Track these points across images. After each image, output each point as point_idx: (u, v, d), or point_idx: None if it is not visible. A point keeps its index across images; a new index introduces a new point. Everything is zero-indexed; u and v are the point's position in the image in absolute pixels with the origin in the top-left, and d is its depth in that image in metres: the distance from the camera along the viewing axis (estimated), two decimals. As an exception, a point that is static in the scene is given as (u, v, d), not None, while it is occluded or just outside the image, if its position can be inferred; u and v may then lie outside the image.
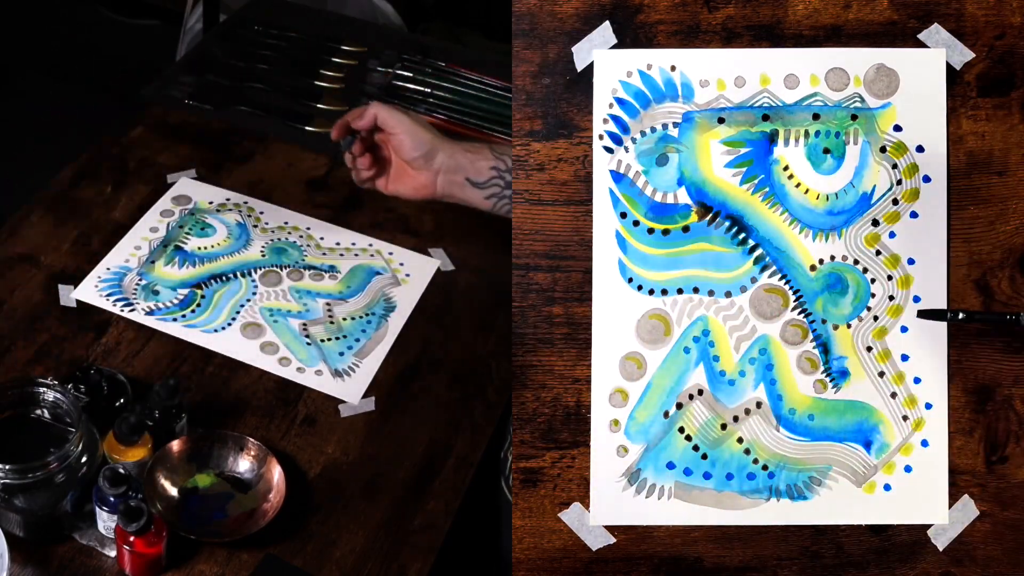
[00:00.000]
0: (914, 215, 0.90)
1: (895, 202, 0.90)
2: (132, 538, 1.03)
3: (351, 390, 1.27)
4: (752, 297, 0.90)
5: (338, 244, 1.44)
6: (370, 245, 1.45)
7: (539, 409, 0.90)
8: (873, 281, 0.90)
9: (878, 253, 0.90)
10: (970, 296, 0.90)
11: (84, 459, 1.07)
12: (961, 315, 0.88)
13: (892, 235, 0.90)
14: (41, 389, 1.12)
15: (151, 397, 1.15)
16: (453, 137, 1.63)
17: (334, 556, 1.12)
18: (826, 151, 0.89)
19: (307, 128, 1.62)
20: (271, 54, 1.77)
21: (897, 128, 0.89)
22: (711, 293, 0.90)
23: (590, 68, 0.89)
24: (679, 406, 0.90)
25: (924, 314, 0.89)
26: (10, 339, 1.27)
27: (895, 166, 0.89)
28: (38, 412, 1.13)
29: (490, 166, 1.31)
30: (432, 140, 1.32)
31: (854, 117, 0.89)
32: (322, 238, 1.45)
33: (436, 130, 1.34)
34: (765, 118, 0.89)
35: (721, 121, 0.89)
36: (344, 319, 1.35)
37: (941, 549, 0.91)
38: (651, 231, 0.90)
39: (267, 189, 1.50)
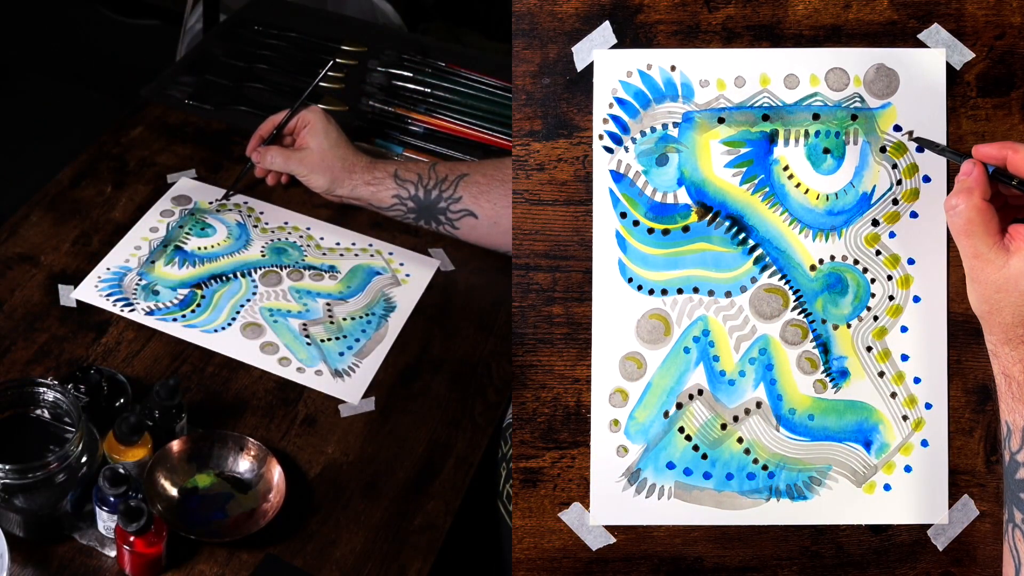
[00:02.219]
0: (914, 215, 0.90)
1: (895, 202, 0.90)
2: (132, 538, 1.03)
3: (351, 390, 1.27)
4: (752, 297, 0.90)
5: (338, 244, 1.44)
6: (370, 245, 1.45)
7: (539, 409, 0.90)
8: (873, 281, 0.90)
9: (878, 253, 0.90)
10: (970, 296, 0.90)
11: (84, 459, 1.07)
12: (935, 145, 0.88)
13: (892, 235, 0.90)
14: (41, 389, 1.12)
15: (151, 397, 1.14)
16: (448, 140, 1.63)
17: (334, 556, 1.12)
18: (826, 151, 0.89)
19: (307, 128, 1.61)
20: (271, 54, 1.77)
21: (897, 128, 0.89)
22: (711, 293, 0.90)
23: (590, 68, 0.89)
24: (679, 406, 0.90)
25: (919, 140, 0.89)
26: (10, 339, 1.27)
27: (895, 166, 0.89)
28: (38, 412, 1.13)
29: (392, 195, 1.42)
30: (329, 182, 1.42)
31: (854, 117, 0.89)
32: (322, 238, 1.45)
33: (342, 154, 1.43)
34: (765, 118, 0.89)
35: (721, 121, 0.89)
36: (344, 319, 1.35)
37: (941, 549, 0.91)
38: (651, 231, 0.90)
39: (267, 189, 1.50)
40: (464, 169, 1.40)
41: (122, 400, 1.18)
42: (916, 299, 0.90)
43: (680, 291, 0.90)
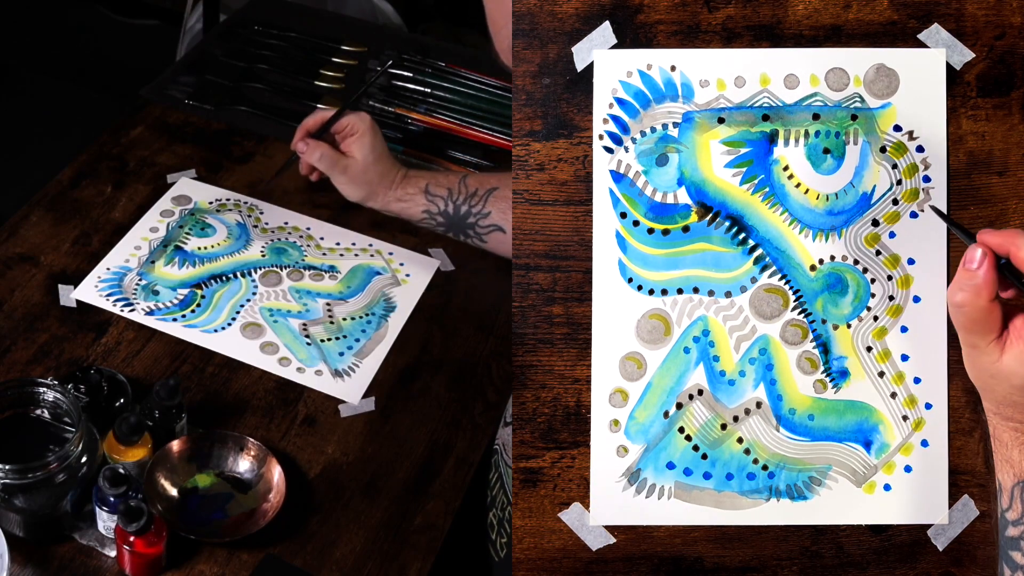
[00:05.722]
0: (914, 215, 0.90)
1: (895, 202, 0.90)
2: (132, 538, 1.03)
3: (351, 390, 1.27)
4: (752, 297, 0.90)
5: (338, 244, 1.44)
6: (370, 245, 1.45)
7: (539, 409, 0.90)
8: (873, 281, 0.90)
9: (878, 253, 0.90)
10: (970, 296, 0.90)
11: (84, 459, 1.07)
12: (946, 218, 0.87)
13: (892, 235, 0.90)
14: (41, 389, 1.12)
15: (151, 397, 1.15)
16: (448, 140, 1.63)
17: (334, 556, 1.12)
18: (826, 151, 0.89)
19: (307, 128, 1.61)
20: (271, 54, 1.77)
21: (897, 128, 0.89)
22: (711, 293, 0.90)
23: (590, 68, 0.89)
24: (679, 406, 0.90)
25: (935, 209, 0.88)
26: (10, 339, 1.27)
27: (895, 166, 0.89)
28: (38, 412, 1.13)
29: (422, 210, 1.43)
30: (367, 194, 1.43)
31: (854, 117, 0.89)
32: (322, 238, 1.45)
33: (380, 168, 1.42)
34: (765, 118, 0.89)
35: (721, 121, 0.89)
36: (344, 319, 1.35)
37: (941, 549, 0.91)
38: (651, 231, 0.90)
39: (267, 189, 1.50)
40: (494, 182, 1.40)
41: (122, 400, 1.18)
42: (916, 299, 0.90)
43: (680, 291, 0.90)
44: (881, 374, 0.91)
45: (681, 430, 0.90)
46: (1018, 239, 0.76)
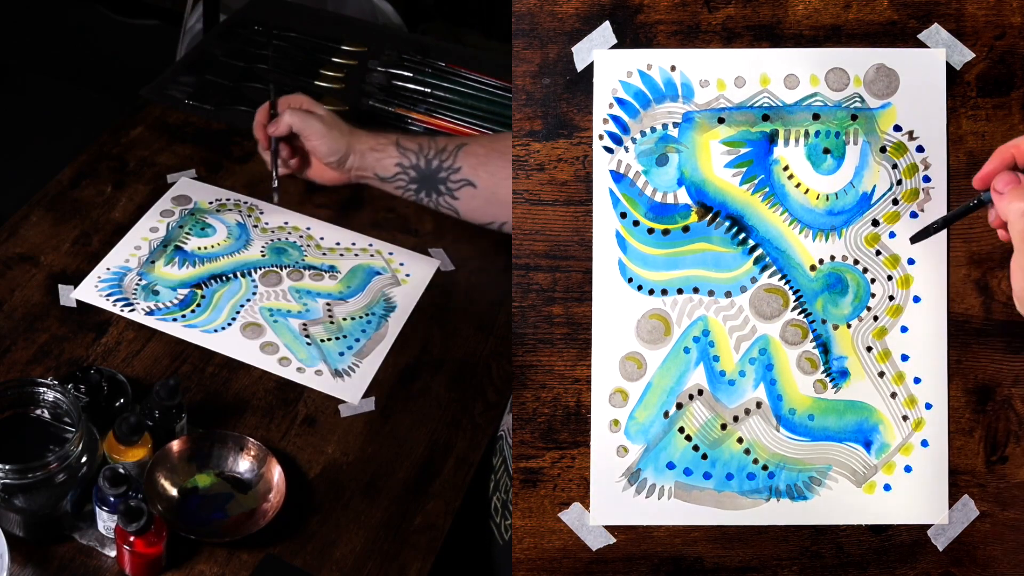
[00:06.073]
0: (914, 215, 0.90)
1: (895, 202, 0.90)
2: (132, 538, 1.03)
3: (351, 390, 1.27)
4: (752, 297, 0.90)
5: (338, 244, 1.44)
6: (370, 245, 1.45)
7: (539, 409, 0.90)
8: (873, 281, 0.90)
9: (878, 253, 0.90)
10: (970, 296, 0.90)
11: (84, 459, 1.07)
12: (936, 224, 0.86)
13: (892, 235, 0.90)
14: (41, 389, 1.12)
15: (151, 397, 1.14)
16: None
17: (334, 556, 1.12)
18: (826, 151, 0.89)
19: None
20: (271, 54, 1.77)
21: (897, 128, 0.89)
22: (711, 293, 0.90)
23: (590, 68, 0.89)
24: (679, 406, 0.90)
25: (916, 238, 0.88)
26: (10, 339, 1.27)
27: (895, 166, 0.89)
28: (38, 412, 1.13)
29: (395, 163, 1.44)
30: (346, 144, 1.44)
31: (854, 117, 0.89)
32: (322, 238, 1.45)
33: (347, 126, 1.45)
34: (765, 118, 0.89)
35: (721, 121, 0.89)
36: (344, 319, 1.35)
37: (941, 549, 0.91)
38: (651, 231, 0.90)
39: (267, 189, 1.50)
40: (462, 139, 1.43)
41: (122, 400, 1.18)
42: (916, 299, 0.90)
43: (680, 291, 0.90)
44: (881, 374, 0.91)
45: (681, 430, 0.91)
46: (1012, 142, 0.77)
